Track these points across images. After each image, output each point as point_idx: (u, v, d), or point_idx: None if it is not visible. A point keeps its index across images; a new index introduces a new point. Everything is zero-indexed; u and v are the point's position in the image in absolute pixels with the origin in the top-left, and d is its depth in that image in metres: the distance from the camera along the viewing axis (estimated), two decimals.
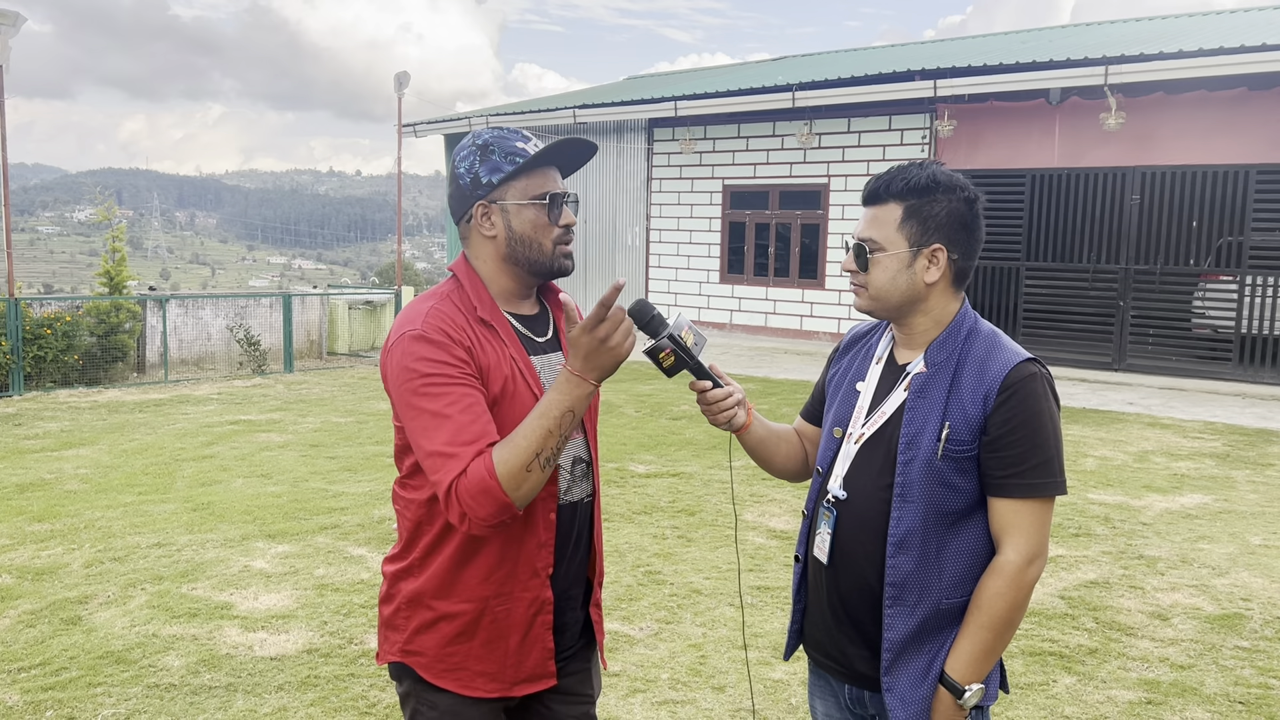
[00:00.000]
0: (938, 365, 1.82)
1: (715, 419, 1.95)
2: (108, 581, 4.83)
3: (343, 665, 3.93)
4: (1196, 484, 7.11)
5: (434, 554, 1.85)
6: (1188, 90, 12.30)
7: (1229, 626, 4.45)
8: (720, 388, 1.94)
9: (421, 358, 1.74)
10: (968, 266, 1.87)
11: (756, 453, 2.05)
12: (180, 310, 13.46)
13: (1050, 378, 1.81)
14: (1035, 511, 1.77)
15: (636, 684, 3.81)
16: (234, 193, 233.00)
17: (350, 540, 5.52)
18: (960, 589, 1.78)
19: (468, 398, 1.73)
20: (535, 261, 1.88)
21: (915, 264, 1.83)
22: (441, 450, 1.69)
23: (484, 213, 1.87)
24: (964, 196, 1.83)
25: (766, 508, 6.26)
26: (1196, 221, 13.01)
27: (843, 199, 15.55)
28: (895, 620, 1.78)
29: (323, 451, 7.89)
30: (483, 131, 1.89)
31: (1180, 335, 12.92)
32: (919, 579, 1.77)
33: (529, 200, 1.85)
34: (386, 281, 36.93)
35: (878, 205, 1.86)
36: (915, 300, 1.85)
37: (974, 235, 1.85)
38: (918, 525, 1.77)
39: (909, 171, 1.83)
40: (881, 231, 1.84)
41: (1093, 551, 5.49)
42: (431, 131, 20.52)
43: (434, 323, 1.78)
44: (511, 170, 1.84)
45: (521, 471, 1.66)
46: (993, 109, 13.85)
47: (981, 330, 1.86)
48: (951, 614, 1.79)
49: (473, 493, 1.66)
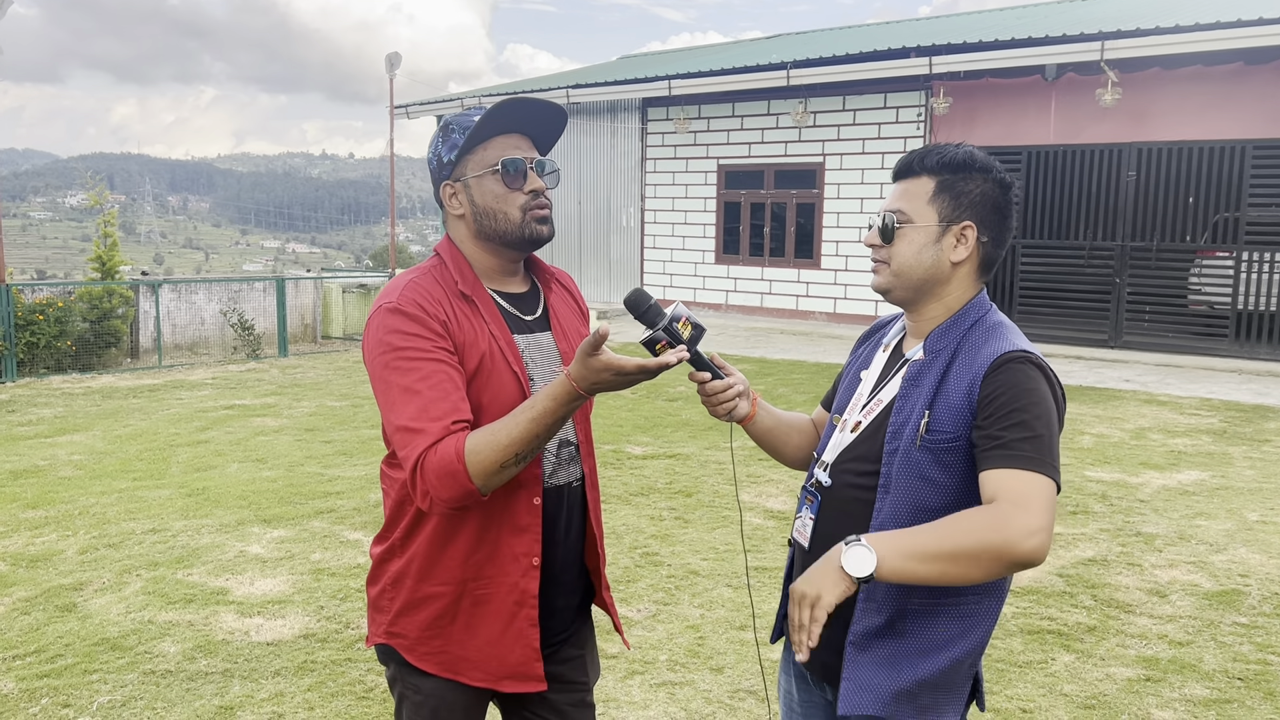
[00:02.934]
0: (935, 353, 1.74)
1: (715, 410, 1.89)
2: (102, 568, 4.80)
3: (339, 650, 3.91)
4: (1194, 460, 7.11)
5: (415, 533, 1.83)
6: (1184, 65, 12.23)
7: (1227, 603, 4.45)
8: (720, 379, 1.87)
9: (395, 330, 1.71)
10: (996, 254, 1.79)
11: (764, 442, 1.99)
12: (173, 295, 13.39)
13: (1051, 371, 1.69)
14: (1032, 483, 1.56)
15: (635, 666, 3.80)
16: (226, 176, 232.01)
17: (346, 524, 5.50)
18: (935, 593, 1.69)
19: (439, 373, 1.69)
20: (505, 233, 1.82)
21: (943, 240, 1.74)
22: (409, 425, 1.65)
23: (451, 192, 1.84)
24: (999, 179, 1.76)
25: (764, 488, 6.25)
26: (1193, 198, 12.98)
27: (838, 178, 15.48)
28: (864, 615, 1.72)
29: (318, 436, 7.86)
30: (448, 116, 1.86)
31: (1176, 312, 12.91)
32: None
33: (485, 170, 1.80)
34: (380, 265, 36.84)
35: (909, 178, 1.78)
36: (937, 281, 1.76)
37: (1005, 221, 1.78)
38: (896, 519, 1.69)
39: (944, 147, 1.77)
40: (911, 204, 1.76)
41: (1090, 529, 5.48)
42: (424, 113, 20.38)
43: (410, 296, 1.75)
44: (463, 143, 1.79)
45: (495, 466, 1.62)
46: (988, 86, 13.78)
47: (988, 321, 1.75)
48: (920, 616, 1.69)
49: (438, 473, 1.62)
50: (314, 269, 22.95)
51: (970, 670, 1.75)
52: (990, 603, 1.72)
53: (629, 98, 17.46)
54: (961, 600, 1.69)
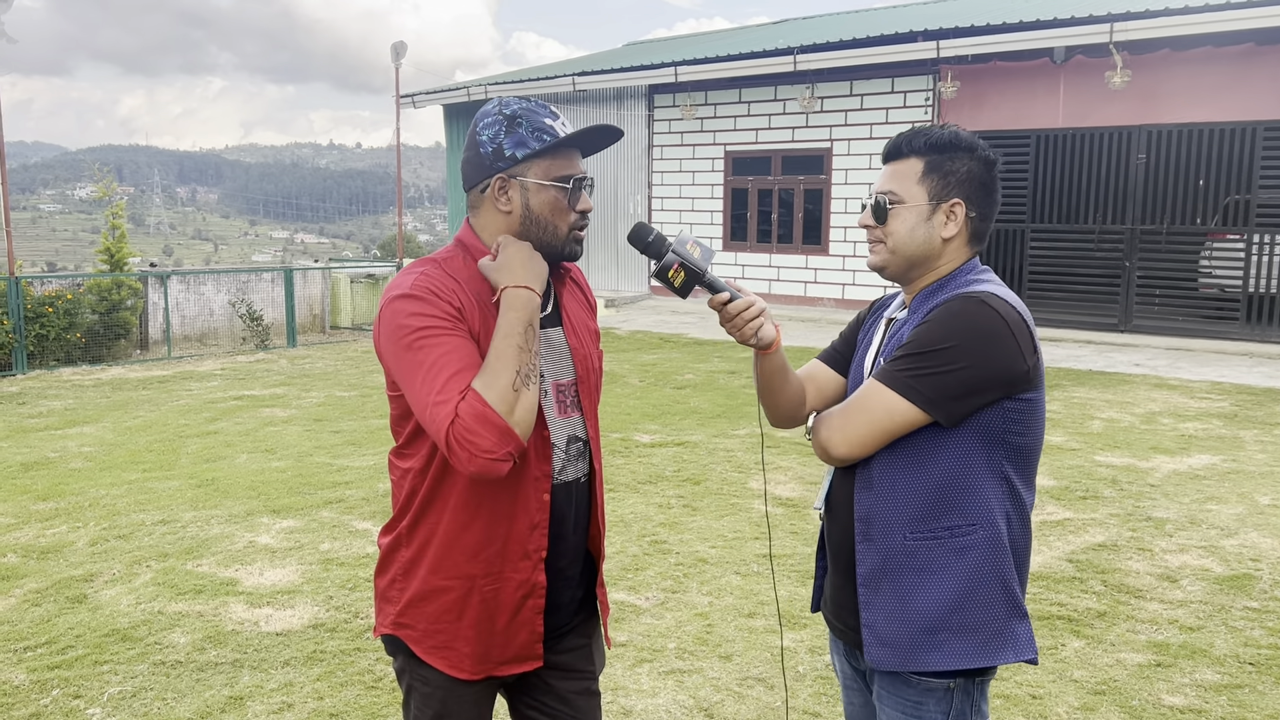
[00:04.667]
0: (917, 312, 1.83)
1: (742, 333, 1.83)
2: (113, 559, 4.82)
3: (348, 640, 3.92)
4: (1204, 445, 7.07)
5: (422, 523, 1.82)
6: (1194, 46, 12.12)
7: (1238, 587, 4.42)
8: (740, 298, 1.84)
9: (411, 313, 1.71)
10: (984, 228, 1.87)
11: (774, 380, 1.93)
12: (182, 286, 13.42)
13: (1010, 311, 1.72)
14: (871, 396, 1.76)
15: (643, 654, 3.80)
16: (234, 167, 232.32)
17: (355, 514, 5.51)
18: (923, 525, 1.74)
19: (464, 347, 1.69)
20: (547, 244, 1.82)
21: (934, 218, 1.83)
22: (438, 399, 1.63)
23: (502, 186, 1.80)
24: (983, 157, 1.84)
25: (773, 475, 6.23)
26: (1203, 180, 12.88)
27: (845, 163, 15.41)
28: (864, 555, 1.80)
29: (326, 426, 7.87)
30: (510, 101, 1.82)
31: (1187, 295, 12.83)
32: (880, 513, 1.78)
33: (551, 181, 1.79)
34: (389, 254, 36.86)
35: (898, 160, 1.86)
36: (930, 256, 1.85)
37: (992, 196, 1.86)
38: (874, 459, 1.79)
39: (930, 129, 1.85)
40: (902, 185, 1.84)
41: (1100, 514, 5.46)
42: (430, 102, 20.35)
43: (423, 284, 1.74)
44: (539, 148, 1.78)
45: (509, 391, 1.62)
46: (996, 69, 13.68)
47: (973, 279, 1.82)
48: (919, 553, 1.75)
49: (469, 426, 1.59)
50: (322, 259, 22.96)
51: (991, 613, 1.75)
52: (984, 533, 1.74)
53: (635, 84, 17.39)
54: (953, 532, 1.74)
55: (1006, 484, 1.76)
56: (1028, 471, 1.80)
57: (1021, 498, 1.79)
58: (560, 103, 18.34)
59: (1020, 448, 1.77)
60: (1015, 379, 1.71)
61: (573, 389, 1.90)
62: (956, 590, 1.74)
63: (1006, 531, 1.76)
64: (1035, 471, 1.83)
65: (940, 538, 1.75)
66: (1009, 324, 1.71)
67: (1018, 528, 1.79)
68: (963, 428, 1.73)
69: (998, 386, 1.70)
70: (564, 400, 1.88)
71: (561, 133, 1.79)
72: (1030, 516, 1.83)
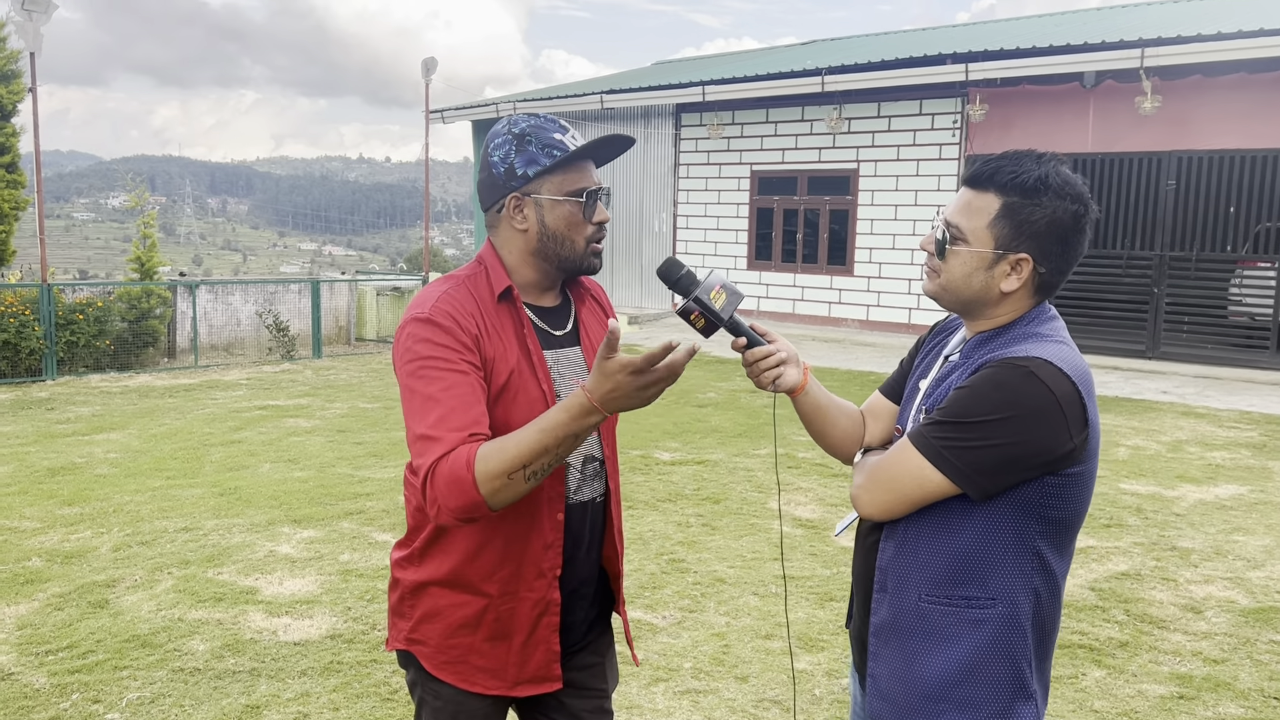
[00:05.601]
0: (970, 359, 1.70)
1: (759, 380, 1.81)
2: (135, 565, 4.87)
3: (365, 651, 3.93)
4: (1232, 474, 6.98)
5: (437, 544, 1.83)
6: (1226, 73, 12.03)
7: (1264, 620, 4.36)
8: (760, 345, 1.81)
9: (423, 339, 1.71)
10: (1055, 281, 1.69)
11: (812, 420, 1.90)
12: (210, 296, 13.56)
13: (1059, 381, 1.56)
14: (900, 458, 1.64)
15: (659, 673, 3.78)
16: (265, 179, 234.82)
17: (375, 526, 5.53)
18: (939, 590, 1.65)
19: (463, 385, 1.68)
20: (566, 258, 1.83)
21: (995, 268, 1.66)
22: (427, 433, 1.64)
23: (517, 205, 1.81)
24: (1072, 209, 1.64)
25: (793, 496, 6.21)
26: (1234, 207, 12.75)
27: (872, 184, 15.39)
28: (879, 605, 1.74)
29: (349, 437, 7.92)
30: (519, 119, 1.83)
31: (1216, 323, 12.68)
32: (898, 566, 1.71)
33: (565, 196, 1.80)
34: (415, 267, 37.06)
35: (977, 190, 1.68)
36: (986, 304, 1.70)
37: (1070, 250, 1.67)
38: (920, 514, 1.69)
39: (1022, 164, 1.65)
40: (971, 221, 1.67)
41: (1124, 543, 5.39)
42: (459, 118, 20.51)
43: (442, 307, 1.75)
44: (549, 164, 1.78)
45: (502, 477, 1.57)
46: (1025, 93, 13.64)
47: (1032, 332, 1.66)
48: (931, 617, 1.66)
49: (446, 480, 1.59)
50: (349, 271, 23.13)
51: (994, 691, 1.67)
52: (1003, 610, 1.64)
53: (663, 103, 17.46)
54: (970, 602, 1.65)
55: (1037, 559, 1.64)
56: (1063, 542, 1.68)
57: (1053, 572, 1.67)
58: (588, 120, 18.44)
59: (1057, 521, 1.64)
60: (1058, 458, 1.58)
61: None
62: (963, 663, 1.65)
63: (1031, 609, 1.66)
64: (1074, 540, 1.71)
65: (956, 606, 1.65)
66: (1058, 399, 1.56)
67: (1046, 602, 1.68)
68: (995, 500, 1.61)
69: (1038, 466, 1.58)
70: None
71: (571, 146, 1.80)
72: (1062, 587, 1.71)
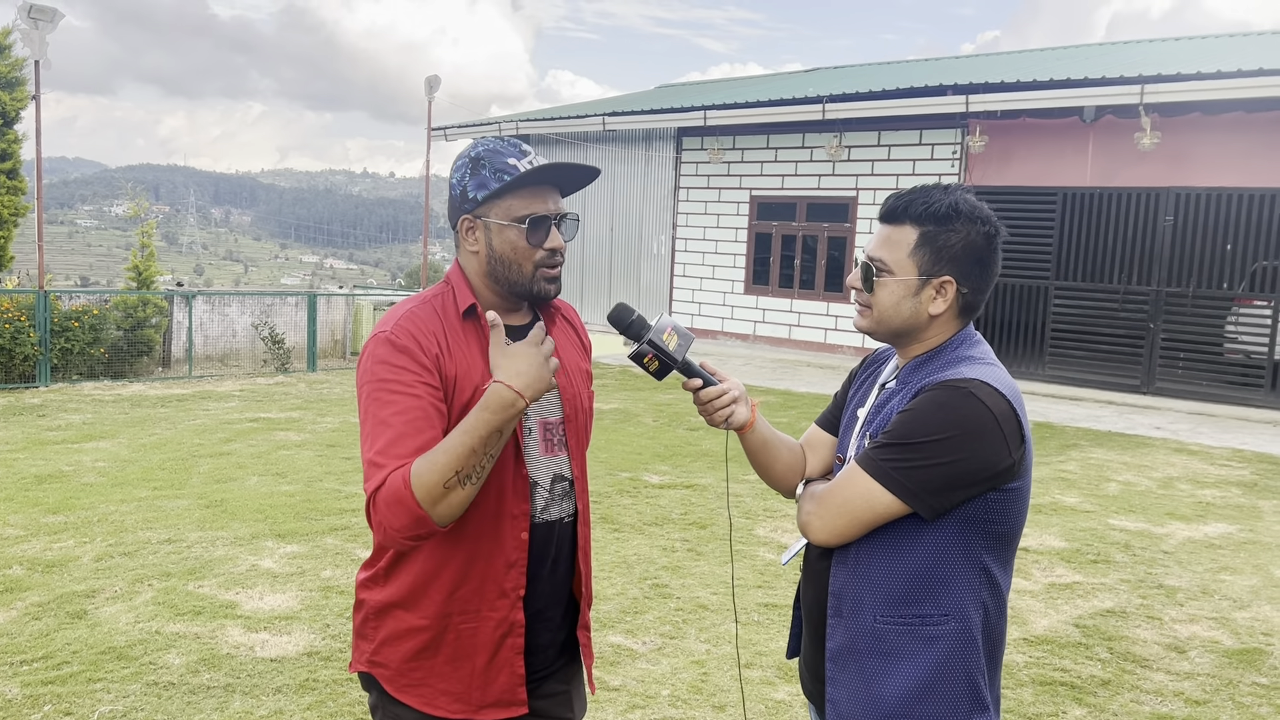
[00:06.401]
0: (905, 383, 1.78)
1: (712, 418, 1.88)
2: (116, 576, 4.84)
3: (341, 669, 3.90)
4: (1222, 513, 6.97)
5: (400, 565, 1.82)
6: (1225, 111, 12.10)
7: (1248, 661, 4.33)
8: (713, 385, 1.87)
9: (381, 360, 1.73)
10: (977, 301, 1.79)
11: (758, 456, 1.95)
12: (207, 306, 13.57)
13: (995, 400, 1.65)
14: (850, 482, 1.70)
15: (636, 699, 3.76)
16: (269, 191, 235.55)
17: (359, 543, 5.51)
18: (894, 610, 1.70)
19: (415, 409, 1.68)
20: (514, 283, 1.84)
21: (922, 293, 1.76)
22: (374, 458, 1.66)
23: (469, 227, 1.83)
24: (984, 231, 1.75)
25: (779, 523, 6.19)
26: (1231, 245, 12.80)
27: (871, 212, 15.43)
28: (834, 630, 1.77)
29: (338, 452, 7.90)
30: (480, 143, 1.84)
31: (1211, 360, 12.70)
32: (853, 591, 1.74)
33: (510, 221, 1.80)
34: (414, 283, 37.10)
35: (893, 225, 1.79)
36: (916, 329, 1.79)
37: (988, 270, 1.78)
38: (868, 540, 1.74)
39: (931, 195, 1.76)
40: (893, 254, 1.77)
41: (1111, 579, 5.37)
42: (462, 135, 20.60)
43: (404, 326, 1.76)
44: (497, 188, 1.79)
45: (439, 487, 1.59)
46: (1025, 125, 13.71)
47: (960, 354, 1.76)
48: (887, 638, 1.70)
49: (388, 501, 1.61)
50: (349, 285, 23.17)
51: (953, 706, 1.70)
52: (955, 625, 1.69)
53: (664, 126, 17.54)
54: (924, 620, 1.70)
55: (984, 574, 1.71)
56: (1006, 556, 1.75)
57: (999, 585, 1.74)
58: (589, 142, 18.52)
59: (1000, 535, 1.72)
60: (1000, 473, 1.66)
61: (560, 428, 1.91)
62: (921, 680, 1.69)
63: (980, 623, 1.71)
64: (1014, 554, 1.78)
65: (911, 624, 1.70)
66: (996, 417, 1.64)
67: (994, 616, 1.74)
68: (944, 518, 1.68)
69: (982, 481, 1.65)
70: (550, 439, 1.89)
71: (523, 170, 1.79)
72: (1007, 602, 1.78)
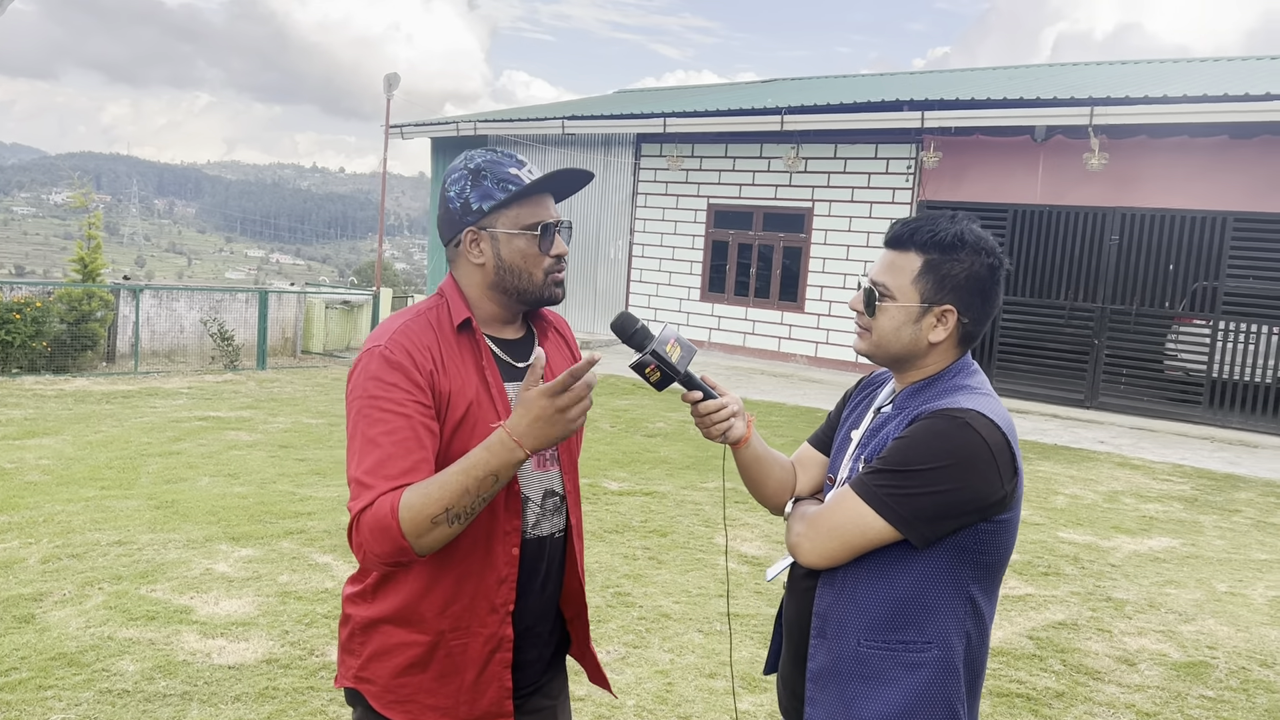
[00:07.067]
0: (901, 409, 1.79)
1: (709, 431, 1.88)
2: (64, 579, 4.72)
3: (302, 677, 3.85)
4: (1165, 527, 7.15)
5: (389, 581, 1.80)
6: (1170, 135, 12.44)
7: (1194, 674, 4.45)
8: (713, 398, 1.87)
9: (374, 377, 1.71)
10: (977, 331, 1.81)
11: (751, 471, 1.95)
12: (154, 301, 13.28)
13: (990, 431, 1.67)
14: (842, 504, 1.71)
15: (601, 709, 3.75)
16: (215, 183, 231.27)
17: (316, 547, 5.43)
18: (878, 635, 1.71)
19: (405, 429, 1.67)
20: (525, 291, 1.84)
21: (923, 320, 1.78)
22: (361, 478, 1.65)
23: (473, 239, 1.83)
24: (987, 262, 1.78)
25: (739, 532, 6.22)
26: (1173, 265, 13.15)
27: (826, 224, 15.60)
28: (816, 651, 1.79)
29: (292, 453, 7.78)
30: (475, 154, 1.85)
31: (1153, 376, 13.03)
32: (838, 614, 1.76)
33: (520, 230, 1.81)
34: (365, 281, 36.70)
35: (898, 251, 1.81)
36: (915, 356, 1.81)
37: (989, 302, 1.80)
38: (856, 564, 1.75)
39: (938, 224, 1.79)
40: (896, 280, 1.79)
41: (1061, 591, 5.49)
42: (419, 134, 20.43)
43: (399, 341, 1.74)
44: (504, 199, 1.80)
45: (426, 522, 1.59)
46: (978, 143, 13.96)
47: (956, 383, 1.78)
48: (870, 662, 1.72)
49: (372, 527, 1.61)
50: (297, 281, 22.85)
51: None
52: (938, 653, 1.71)
53: (624, 132, 17.57)
54: (908, 647, 1.72)
55: (970, 603, 1.73)
56: (992, 586, 1.77)
57: (983, 615, 1.76)
58: (548, 145, 18.47)
59: (988, 565, 1.74)
60: (992, 505, 1.68)
61: None
62: (901, 706, 1.70)
63: (963, 651, 1.73)
64: (1000, 584, 1.80)
65: (894, 650, 1.71)
66: (991, 449, 1.66)
67: (976, 645, 1.76)
68: (933, 546, 1.70)
69: (974, 512, 1.67)
70: (542, 454, 1.88)
71: (526, 180, 1.81)
72: (989, 629, 1.80)
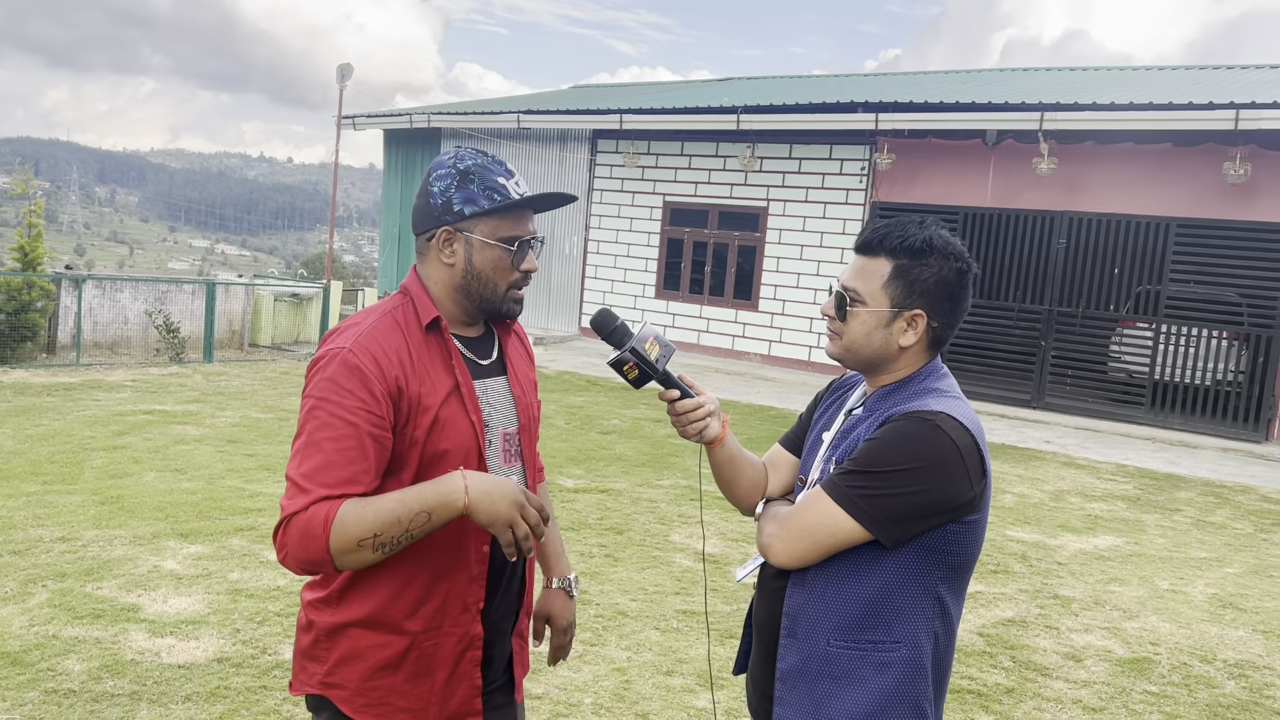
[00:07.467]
0: (874, 412, 1.80)
1: (685, 430, 1.89)
2: (6, 577, 4.59)
3: (255, 676, 3.79)
4: (1109, 526, 7.31)
5: (357, 584, 1.78)
6: (1117, 141, 12.71)
7: (1138, 670, 4.56)
8: (690, 397, 1.88)
9: (331, 379, 1.69)
10: (946, 335, 1.83)
11: (724, 471, 1.96)
12: (97, 291, 12.98)
13: (960, 433, 1.69)
14: (812, 505, 1.72)
15: (559, 708, 3.74)
16: (159, 171, 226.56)
17: (266, 543, 5.35)
18: (847, 635, 1.73)
19: (352, 439, 1.66)
20: (486, 300, 1.84)
21: (893, 325, 1.79)
22: (298, 479, 1.64)
23: (448, 239, 1.82)
24: (956, 267, 1.80)
25: (694, 529, 6.24)
26: (1118, 268, 13.44)
27: (780, 223, 15.71)
28: (786, 651, 1.79)
29: (240, 448, 7.65)
30: (466, 154, 1.83)
31: (1097, 377, 13.31)
32: (808, 612, 1.77)
33: (497, 241, 1.81)
34: (314, 273, 36.19)
35: (868, 256, 1.82)
36: (886, 360, 1.82)
37: (958, 306, 1.82)
38: (825, 565, 1.76)
39: (907, 229, 1.79)
40: (866, 285, 1.80)
41: (1010, 589, 5.59)
42: (371, 125, 20.20)
43: (366, 345, 1.73)
44: (488, 208, 1.79)
45: (353, 543, 1.60)
46: (931, 146, 14.14)
47: (927, 386, 1.80)
48: (839, 662, 1.73)
49: (301, 533, 1.60)
50: (244, 272, 22.48)
51: None
52: (906, 653, 1.73)
53: (580, 127, 17.52)
54: (876, 647, 1.73)
55: (938, 603, 1.75)
56: (960, 586, 1.79)
57: (950, 615, 1.78)
58: (504, 139, 18.36)
59: (956, 566, 1.76)
60: (961, 505, 1.70)
61: (516, 438, 1.92)
62: (869, 706, 1.72)
63: (931, 651, 1.75)
64: (967, 584, 1.82)
65: (863, 650, 1.73)
66: (961, 451, 1.68)
67: (943, 644, 1.78)
68: (903, 547, 1.71)
69: (944, 513, 1.69)
70: (509, 449, 1.89)
71: (514, 193, 1.81)
72: (956, 629, 1.82)
